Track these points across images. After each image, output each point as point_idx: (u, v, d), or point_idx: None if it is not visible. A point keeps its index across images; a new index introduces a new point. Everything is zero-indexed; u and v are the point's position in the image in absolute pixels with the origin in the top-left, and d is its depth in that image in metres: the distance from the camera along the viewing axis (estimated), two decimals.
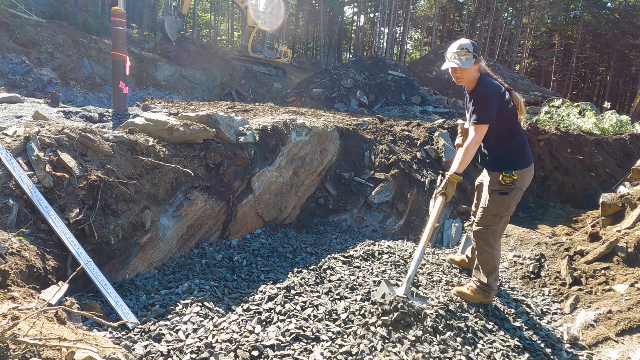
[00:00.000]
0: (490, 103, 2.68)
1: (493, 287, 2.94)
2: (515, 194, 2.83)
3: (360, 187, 4.91)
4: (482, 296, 2.94)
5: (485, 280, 2.92)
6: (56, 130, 2.96)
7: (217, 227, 3.67)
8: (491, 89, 2.72)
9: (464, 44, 2.75)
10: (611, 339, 2.70)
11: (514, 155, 2.83)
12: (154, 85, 16.58)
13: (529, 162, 2.88)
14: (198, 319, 2.37)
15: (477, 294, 2.95)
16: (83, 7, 19.44)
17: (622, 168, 8.50)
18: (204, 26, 37.93)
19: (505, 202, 2.83)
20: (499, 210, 2.86)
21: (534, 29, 44.67)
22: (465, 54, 2.72)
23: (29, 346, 1.36)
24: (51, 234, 2.42)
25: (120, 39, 5.85)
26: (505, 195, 2.82)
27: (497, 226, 2.90)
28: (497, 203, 2.85)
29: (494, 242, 2.92)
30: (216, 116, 3.74)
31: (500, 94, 2.73)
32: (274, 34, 23.48)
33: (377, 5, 38.38)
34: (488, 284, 2.92)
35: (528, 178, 2.90)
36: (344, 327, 2.45)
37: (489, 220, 2.90)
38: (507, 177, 2.77)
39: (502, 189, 2.81)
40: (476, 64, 2.75)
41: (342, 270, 3.30)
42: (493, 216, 2.88)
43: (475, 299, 2.95)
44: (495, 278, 2.95)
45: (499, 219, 2.88)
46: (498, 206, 2.85)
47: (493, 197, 2.86)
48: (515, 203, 2.89)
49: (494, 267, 2.93)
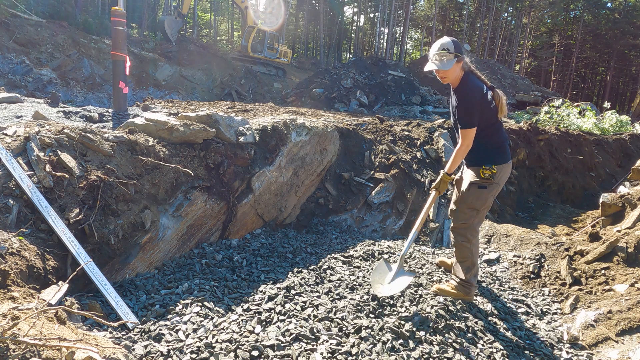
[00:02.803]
0: (473, 107, 2.73)
1: (472, 284, 2.96)
2: (493, 189, 2.90)
3: (360, 187, 4.91)
4: (463, 293, 2.95)
5: (464, 276, 2.95)
6: (56, 130, 2.96)
7: (217, 227, 3.67)
8: (473, 92, 2.75)
9: (445, 43, 2.74)
10: (611, 339, 2.70)
11: (494, 151, 2.90)
12: (154, 85, 16.58)
13: (508, 159, 2.95)
14: (198, 319, 2.37)
15: (458, 290, 2.96)
16: (83, 7, 19.43)
17: (622, 168, 8.50)
18: (204, 26, 37.93)
19: (483, 195, 2.90)
20: (477, 203, 2.91)
21: (534, 29, 44.66)
22: (446, 54, 2.72)
23: (29, 346, 1.36)
24: (51, 234, 2.42)
25: (120, 39, 5.85)
26: (483, 189, 2.88)
27: (474, 220, 2.96)
28: (476, 196, 2.91)
29: (471, 237, 2.97)
30: (216, 116, 3.74)
31: (482, 95, 2.76)
32: (274, 34, 23.48)
33: (377, 5, 38.37)
34: (467, 280, 2.95)
35: (506, 174, 2.96)
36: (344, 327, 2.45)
37: (467, 214, 2.96)
38: (487, 170, 2.84)
39: (482, 182, 2.87)
40: (459, 62, 2.74)
41: (342, 270, 3.31)
42: (470, 210, 2.94)
43: (456, 295, 2.96)
44: (475, 274, 2.99)
45: (475, 213, 2.94)
46: (476, 200, 2.91)
47: (472, 190, 2.91)
48: (492, 198, 2.95)
49: (472, 262, 2.97)
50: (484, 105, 2.76)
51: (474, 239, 2.99)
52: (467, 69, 2.83)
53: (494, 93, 2.83)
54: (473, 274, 2.98)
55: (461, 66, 2.78)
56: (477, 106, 2.74)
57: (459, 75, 2.80)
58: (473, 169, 2.94)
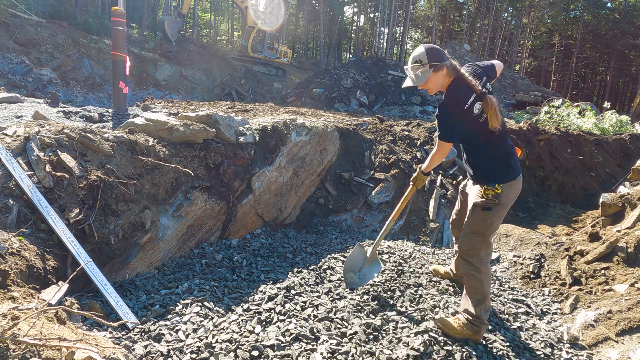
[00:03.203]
0: (446, 122, 2.46)
1: (484, 321, 2.48)
2: (499, 210, 2.50)
3: (360, 187, 4.91)
4: (471, 331, 2.46)
5: (474, 311, 2.48)
6: (56, 130, 2.96)
7: (217, 227, 3.67)
8: (450, 106, 2.44)
9: (417, 55, 2.48)
10: (611, 339, 2.70)
11: (498, 167, 2.51)
12: (154, 85, 16.58)
13: (515, 175, 2.53)
14: (198, 319, 2.37)
15: (465, 328, 2.47)
16: (83, 7, 19.43)
17: (622, 168, 8.50)
18: (204, 26, 37.92)
19: (489, 219, 2.51)
20: (481, 227, 2.53)
21: (534, 29, 44.67)
22: (419, 67, 2.47)
23: (29, 346, 1.36)
24: (51, 234, 2.42)
25: (120, 39, 5.85)
26: (488, 210, 2.49)
27: (481, 245, 2.55)
28: (479, 219, 2.53)
29: (480, 265, 2.53)
30: (216, 116, 3.73)
31: (463, 110, 2.39)
32: (274, 34, 23.47)
33: (377, 5, 38.37)
34: (477, 315, 2.47)
35: (515, 192, 2.56)
36: (344, 327, 2.45)
37: (472, 239, 2.57)
38: (489, 190, 2.46)
39: (486, 204, 2.48)
40: (437, 71, 2.46)
41: (342, 270, 3.31)
42: (474, 234, 2.55)
43: (461, 334, 2.47)
44: (487, 309, 2.51)
45: (482, 238, 2.54)
46: (480, 223, 2.53)
47: (476, 212, 2.54)
48: (499, 220, 2.57)
49: (483, 295, 2.51)
50: (467, 119, 2.41)
51: (483, 267, 2.54)
52: (456, 74, 2.49)
53: (485, 101, 2.39)
54: (484, 308, 2.50)
55: (444, 73, 2.48)
56: (452, 121, 2.44)
57: (444, 82, 2.51)
58: (476, 188, 2.59)
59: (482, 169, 2.56)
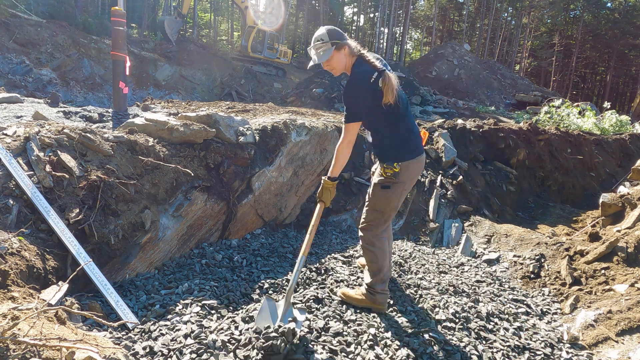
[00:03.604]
0: (355, 99, 2.47)
1: (377, 290, 2.64)
2: (398, 189, 2.58)
3: (360, 187, 4.91)
4: (369, 300, 2.67)
5: (369, 280, 2.69)
6: (56, 130, 2.96)
7: (217, 227, 3.67)
8: (357, 81, 2.47)
9: (319, 35, 2.52)
10: (611, 339, 2.70)
11: (397, 145, 2.58)
12: (154, 85, 16.58)
13: (414, 154, 2.60)
14: (198, 319, 2.37)
15: (365, 297, 2.69)
16: (83, 7, 19.43)
17: (622, 168, 8.50)
18: (204, 26, 37.93)
19: (388, 196, 2.59)
20: (380, 205, 2.63)
21: (534, 29, 44.68)
22: (321, 45, 2.50)
23: (29, 346, 1.36)
24: (51, 234, 2.42)
25: (120, 39, 5.85)
26: (387, 189, 2.57)
27: (378, 223, 2.66)
28: (379, 197, 2.62)
29: (375, 241, 2.66)
30: (216, 116, 3.74)
31: (369, 84, 2.44)
32: (274, 34, 23.47)
33: (377, 5, 38.37)
34: (372, 285, 2.66)
35: (415, 172, 2.64)
36: (344, 326, 2.45)
37: (371, 215, 2.68)
38: (388, 169, 2.54)
39: (385, 182, 2.57)
40: (339, 49, 2.50)
41: (342, 270, 3.31)
42: (374, 211, 2.65)
43: (361, 302, 2.69)
44: (382, 281, 2.67)
45: (380, 215, 2.64)
46: (379, 200, 2.63)
47: (375, 190, 2.64)
48: (398, 199, 2.64)
49: (378, 267, 2.66)
50: (374, 94, 2.45)
51: (378, 242, 2.67)
52: (357, 54, 2.54)
53: (383, 77, 2.44)
54: (380, 279, 2.66)
55: (346, 52, 2.52)
56: (361, 97, 2.46)
57: (348, 63, 2.54)
58: (378, 167, 2.68)
59: (382, 148, 2.62)
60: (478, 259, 4.16)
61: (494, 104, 24.10)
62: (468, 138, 6.18)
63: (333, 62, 2.53)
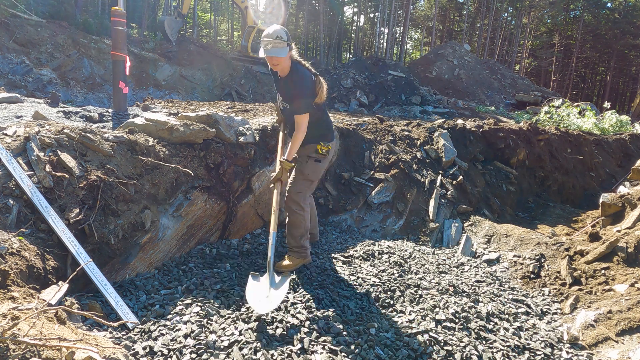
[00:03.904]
0: (308, 93, 3.01)
1: (307, 246, 3.26)
2: (325, 163, 3.33)
3: (360, 187, 4.91)
4: (301, 258, 3.22)
5: (298, 243, 3.22)
6: (56, 130, 2.96)
7: (217, 227, 3.67)
8: (307, 79, 3.01)
9: (278, 31, 2.91)
10: (611, 339, 2.70)
11: (328, 130, 3.30)
12: (154, 85, 16.57)
13: (334, 137, 3.43)
14: (198, 319, 2.37)
15: (296, 258, 3.21)
16: (83, 7, 19.42)
17: (622, 168, 8.50)
18: (204, 26, 37.92)
19: (319, 168, 3.29)
20: (313, 175, 3.28)
21: (534, 29, 44.67)
22: (280, 42, 2.90)
23: (29, 346, 1.36)
24: (51, 234, 2.41)
25: (120, 39, 5.84)
26: (319, 163, 3.27)
27: (307, 190, 3.31)
28: (312, 169, 3.26)
29: (304, 205, 3.25)
30: (216, 116, 3.74)
31: (313, 82, 3.05)
32: None
33: (377, 5, 38.35)
34: (302, 245, 3.23)
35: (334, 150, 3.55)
36: (344, 326, 2.45)
37: (303, 184, 3.26)
38: (324, 146, 3.22)
39: (319, 157, 3.24)
40: (289, 51, 2.96)
41: (342, 270, 3.31)
42: (306, 180, 3.26)
43: (295, 263, 3.19)
44: (307, 239, 3.29)
45: (309, 184, 3.29)
46: (313, 172, 3.27)
47: (310, 163, 3.25)
48: (323, 170, 3.43)
49: (305, 229, 3.25)
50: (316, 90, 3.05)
51: (307, 207, 3.27)
52: (295, 59, 3.05)
53: (317, 79, 3.08)
54: (306, 238, 3.29)
55: (290, 55, 3.01)
56: (309, 92, 3.01)
57: (289, 64, 3.02)
58: (309, 146, 3.23)
59: (319, 131, 3.23)
60: (478, 259, 4.16)
61: (494, 104, 24.09)
62: (468, 138, 6.18)
63: (282, 60, 2.97)
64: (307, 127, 3.05)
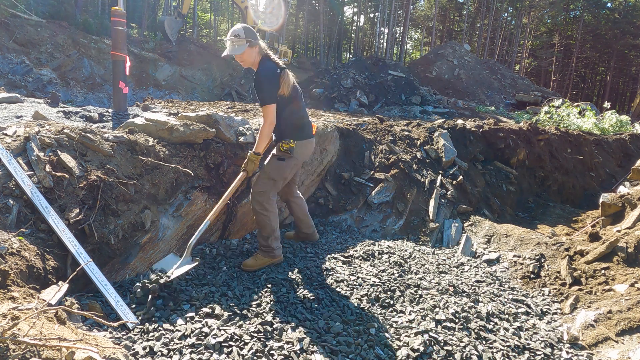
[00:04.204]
0: (268, 84, 2.99)
1: (274, 247, 3.19)
2: (291, 162, 3.17)
3: (360, 187, 4.91)
4: (269, 257, 3.19)
5: (266, 242, 3.18)
6: (56, 130, 2.96)
7: (217, 227, 3.67)
8: (267, 71, 3.02)
9: (235, 30, 2.99)
10: (611, 339, 2.70)
11: (293, 126, 3.17)
12: (154, 85, 16.58)
13: (308, 136, 3.25)
14: (198, 319, 2.37)
15: (263, 257, 3.18)
16: (83, 7, 19.42)
17: (622, 168, 8.50)
18: (204, 26, 37.93)
19: (282, 167, 3.16)
20: (275, 174, 3.17)
21: (534, 29, 44.67)
22: (237, 40, 2.97)
23: (29, 346, 1.36)
24: (51, 234, 2.41)
25: (120, 39, 5.85)
26: (282, 161, 3.16)
27: (270, 189, 3.17)
28: (274, 167, 3.17)
29: (268, 206, 3.17)
30: (216, 116, 3.74)
31: (276, 74, 3.03)
32: (274, 34, 23.47)
33: (377, 5, 38.36)
34: (268, 245, 3.18)
35: (307, 151, 3.29)
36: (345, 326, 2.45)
37: (264, 183, 3.18)
38: (285, 144, 3.11)
39: (280, 154, 3.15)
40: (252, 47, 3.00)
41: (342, 270, 3.31)
42: (268, 179, 3.18)
43: (262, 262, 3.16)
44: (276, 239, 3.22)
45: (272, 183, 3.17)
46: (274, 170, 3.17)
47: (271, 161, 3.21)
48: (291, 172, 3.23)
49: (272, 229, 3.19)
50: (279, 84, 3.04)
51: (270, 207, 3.19)
52: (264, 54, 3.09)
53: (283, 72, 3.07)
54: (275, 238, 3.21)
55: (257, 51, 3.04)
56: (271, 84, 3.00)
57: (256, 59, 3.07)
58: (276, 144, 3.22)
59: (282, 128, 3.16)
60: (478, 259, 4.16)
61: (494, 104, 24.10)
62: (468, 138, 6.18)
63: (245, 56, 3.03)
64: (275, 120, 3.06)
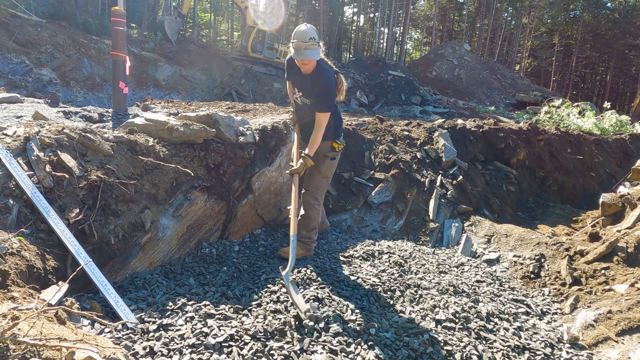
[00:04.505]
0: (333, 93, 3.11)
1: (314, 239, 3.49)
2: (338, 159, 3.48)
3: (360, 187, 4.91)
4: (305, 250, 3.43)
5: (308, 234, 3.44)
6: (56, 130, 2.96)
7: (217, 227, 3.67)
8: (331, 79, 3.07)
9: (310, 32, 2.91)
10: (611, 339, 2.70)
11: (339, 128, 3.41)
12: (154, 85, 16.57)
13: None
14: (198, 319, 2.37)
15: (300, 248, 3.35)
16: (83, 7, 19.42)
17: (622, 168, 8.50)
18: (204, 26, 37.93)
19: (333, 165, 3.45)
20: (329, 172, 3.44)
21: (534, 29, 44.68)
22: (313, 44, 2.92)
23: (29, 346, 1.36)
24: (51, 234, 2.41)
25: (120, 39, 5.85)
26: (334, 160, 3.42)
27: (325, 186, 3.51)
28: (329, 166, 3.41)
29: (321, 201, 3.50)
30: (216, 116, 3.73)
31: (335, 81, 3.12)
32: (274, 34, 23.45)
33: (377, 5, 38.35)
34: (310, 236, 3.45)
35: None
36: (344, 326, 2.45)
37: (321, 182, 3.43)
38: (341, 144, 3.35)
39: (334, 154, 3.38)
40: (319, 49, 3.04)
41: (342, 270, 3.31)
42: (323, 177, 3.42)
43: (299, 254, 3.32)
44: (317, 232, 3.55)
45: (326, 180, 3.48)
46: (329, 169, 3.42)
47: (326, 162, 3.38)
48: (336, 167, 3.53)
49: (317, 223, 3.51)
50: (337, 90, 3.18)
51: (321, 201, 3.51)
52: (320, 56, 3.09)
53: (338, 77, 3.16)
54: (315, 232, 3.51)
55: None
56: (333, 92, 3.11)
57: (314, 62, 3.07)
58: (324, 144, 3.27)
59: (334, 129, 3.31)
60: (478, 259, 4.16)
61: (494, 104, 24.10)
62: (468, 138, 6.18)
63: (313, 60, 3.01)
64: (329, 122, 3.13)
